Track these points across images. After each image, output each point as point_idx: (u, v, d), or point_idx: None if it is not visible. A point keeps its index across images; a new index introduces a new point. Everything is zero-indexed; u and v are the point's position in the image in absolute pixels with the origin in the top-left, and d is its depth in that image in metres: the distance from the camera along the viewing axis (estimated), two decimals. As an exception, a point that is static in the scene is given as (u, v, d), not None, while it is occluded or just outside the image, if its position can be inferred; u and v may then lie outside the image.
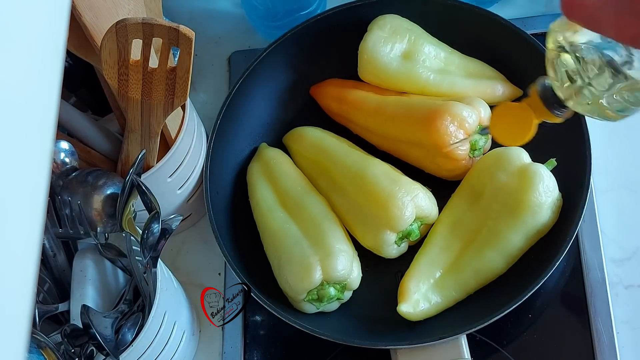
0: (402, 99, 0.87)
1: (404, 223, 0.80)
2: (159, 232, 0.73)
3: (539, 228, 0.77)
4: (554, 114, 0.66)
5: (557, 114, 0.65)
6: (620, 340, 0.79)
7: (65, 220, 0.77)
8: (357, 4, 0.92)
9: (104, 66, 0.73)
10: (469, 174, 0.83)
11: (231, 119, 0.90)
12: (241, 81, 0.90)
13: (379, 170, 0.83)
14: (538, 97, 0.66)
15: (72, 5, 0.70)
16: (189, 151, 0.85)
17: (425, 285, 0.79)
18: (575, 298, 0.82)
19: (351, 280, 0.80)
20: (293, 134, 0.93)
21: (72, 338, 0.73)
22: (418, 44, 0.89)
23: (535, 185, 0.76)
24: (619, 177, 0.88)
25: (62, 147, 0.78)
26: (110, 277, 0.82)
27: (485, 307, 0.76)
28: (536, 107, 0.66)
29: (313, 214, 0.83)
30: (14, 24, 0.38)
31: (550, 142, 0.81)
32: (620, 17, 0.48)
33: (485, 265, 0.78)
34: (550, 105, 0.65)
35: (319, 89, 0.94)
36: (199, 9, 1.09)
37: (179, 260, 0.92)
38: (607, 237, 0.85)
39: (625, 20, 0.48)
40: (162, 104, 0.76)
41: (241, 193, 0.90)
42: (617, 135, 0.90)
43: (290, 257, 0.80)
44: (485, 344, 0.80)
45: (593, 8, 0.49)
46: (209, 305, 0.86)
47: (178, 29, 0.70)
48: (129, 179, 0.75)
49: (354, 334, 0.79)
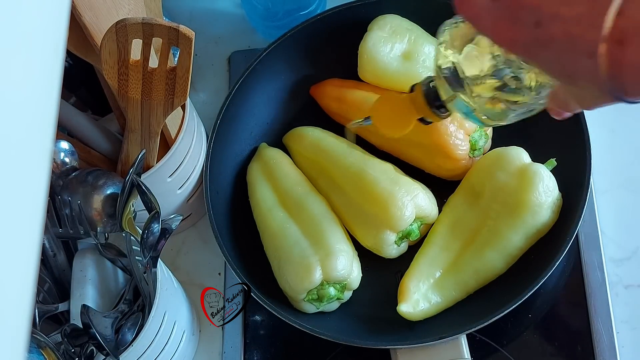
0: (402, 97, 0.87)
1: (404, 223, 0.80)
2: (159, 232, 0.73)
3: (538, 228, 0.77)
4: (434, 113, 0.66)
5: (437, 113, 0.66)
6: (620, 340, 0.79)
7: (65, 220, 0.77)
8: (357, 4, 0.92)
9: (104, 66, 0.73)
10: (468, 173, 0.83)
11: (231, 119, 0.90)
12: (241, 81, 0.90)
13: (379, 170, 0.83)
14: (422, 95, 0.66)
15: (72, 5, 0.70)
16: (189, 151, 0.85)
17: (425, 285, 0.79)
18: (575, 298, 0.82)
19: (351, 280, 0.80)
20: (293, 134, 0.93)
21: (72, 338, 0.73)
22: (418, 44, 0.89)
23: (535, 185, 0.76)
24: (619, 177, 0.88)
25: (62, 147, 0.78)
26: (110, 277, 0.82)
27: (485, 307, 0.76)
28: (418, 103, 0.67)
29: (313, 214, 0.83)
30: (14, 24, 0.38)
31: (550, 142, 0.81)
32: (499, 21, 0.50)
33: (485, 265, 0.78)
34: (432, 105, 0.66)
35: (319, 89, 0.94)
36: (199, 9, 1.09)
37: (179, 260, 0.92)
38: (607, 236, 0.85)
39: (503, 24, 0.50)
40: (162, 103, 0.76)
41: (241, 193, 0.90)
42: (617, 135, 0.90)
43: (290, 257, 0.80)
44: (485, 344, 0.80)
45: (480, 7, 0.51)
46: (209, 305, 0.86)
47: (178, 29, 0.70)
48: (129, 178, 0.75)
49: (354, 333, 0.79)
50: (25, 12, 0.39)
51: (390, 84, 0.89)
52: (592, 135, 0.80)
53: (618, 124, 0.90)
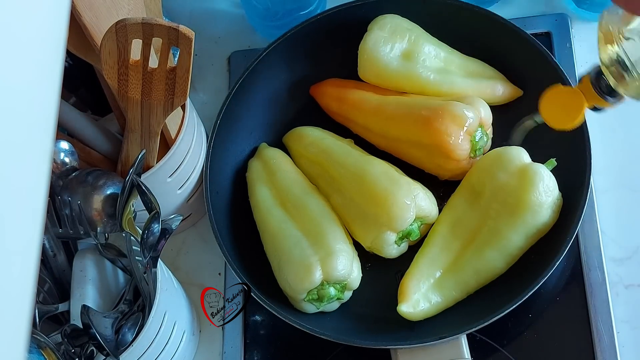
0: (402, 99, 0.87)
1: (404, 223, 0.80)
2: (159, 232, 0.73)
3: (539, 228, 0.77)
4: (605, 99, 0.68)
5: (608, 99, 0.68)
6: (620, 339, 0.79)
7: (65, 220, 0.77)
8: (357, 4, 0.92)
9: (104, 66, 0.73)
10: (469, 173, 0.83)
11: (231, 119, 0.90)
12: (241, 81, 0.90)
13: (379, 170, 0.83)
14: (590, 83, 0.68)
15: (72, 5, 0.70)
16: (189, 151, 0.85)
17: (425, 285, 0.79)
18: (575, 298, 0.82)
19: (351, 280, 0.80)
20: (293, 134, 0.93)
21: (72, 338, 0.73)
22: (418, 43, 0.89)
23: (535, 185, 0.76)
24: (618, 177, 0.88)
25: (62, 147, 0.78)
26: (110, 277, 0.82)
27: (485, 307, 0.76)
28: (588, 92, 0.69)
29: (313, 214, 0.83)
30: (13, 24, 0.38)
31: (550, 142, 0.81)
32: None
33: (486, 265, 0.78)
34: (602, 91, 0.68)
35: (319, 88, 0.94)
36: (199, 9, 1.09)
37: (179, 260, 0.92)
38: (607, 236, 0.85)
39: None
40: (162, 104, 0.76)
41: (241, 193, 0.90)
42: (617, 135, 0.90)
43: (290, 257, 0.80)
44: (485, 344, 0.80)
45: None
46: (209, 305, 0.86)
47: (178, 29, 0.70)
48: (129, 179, 0.75)
49: (354, 334, 0.79)
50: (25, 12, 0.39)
51: (390, 84, 0.89)
52: (592, 135, 0.80)
53: (618, 124, 0.90)
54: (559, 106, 0.72)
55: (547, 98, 0.73)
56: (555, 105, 0.73)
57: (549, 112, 0.73)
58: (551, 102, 0.73)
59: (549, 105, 0.73)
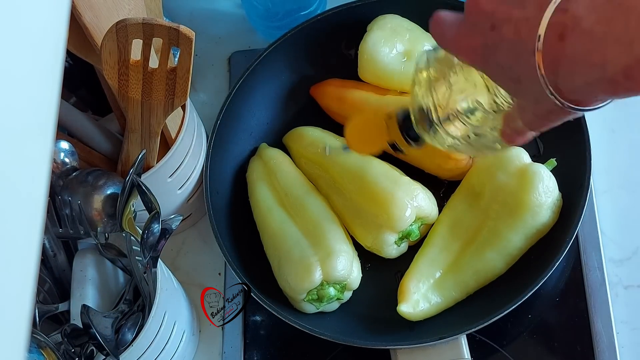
0: (402, 99, 0.87)
1: (404, 223, 0.80)
2: (159, 232, 0.73)
3: (538, 228, 0.77)
4: (407, 141, 0.67)
5: (409, 142, 0.67)
6: (620, 340, 0.79)
7: (65, 220, 0.77)
8: (357, 4, 0.92)
9: (104, 66, 0.73)
10: (469, 174, 0.83)
11: (231, 119, 0.90)
12: (241, 81, 0.90)
13: (378, 170, 0.83)
14: (395, 122, 0.67)
15: (72, 5, 0.70)
16: (189, 151, 0.85)
17: (425, 286, 0.79)
18: (575, 298, 0.82)
19: (351, 280, 0.80)
20: (293, 134, 0.93)
21: (72, 338, 0.73)
22: (418, 43, 0.89)
23: (535, 185, 0.76)
24: (618, 177, 0.88)
25: (62, 147, 0.78)
26: (110, 277, 0.82)
27: (485, 307, 0.76)
28: (392, 129, 0.68)
29: (313, 214, 0.83)
30: (13, 24, 0.38)
31: (550, 142, 0.81)
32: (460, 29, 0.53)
33: (485, 265, 0.78)
34: (406, 134, 0.67)
35: (319, 89, 0.94)
36: (199, 9, 1.09)
37: (179, 260, 0.92)
38: (607, 237, 0.85)
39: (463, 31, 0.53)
40: (162, 104, 0.76)
41: (241, 193, 0.90)
42: (617, 135, 0.90)
43: (290, 257, 0.80)
44: (485, 344, 0.80)
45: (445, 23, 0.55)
46: (209, 305, 0.86)
47: (178, 29, 0.70)
48: (129, 179, 0.75)
49: (354, 334, 0.79)
50: (26, 12, 0.39)
51: (390, 84, 0.89)
52: (592, 135, 0.80)
53: (618, 124, 0.90)
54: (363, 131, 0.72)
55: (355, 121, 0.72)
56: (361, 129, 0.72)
57: (352, 134, 0.73)
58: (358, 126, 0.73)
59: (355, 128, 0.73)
